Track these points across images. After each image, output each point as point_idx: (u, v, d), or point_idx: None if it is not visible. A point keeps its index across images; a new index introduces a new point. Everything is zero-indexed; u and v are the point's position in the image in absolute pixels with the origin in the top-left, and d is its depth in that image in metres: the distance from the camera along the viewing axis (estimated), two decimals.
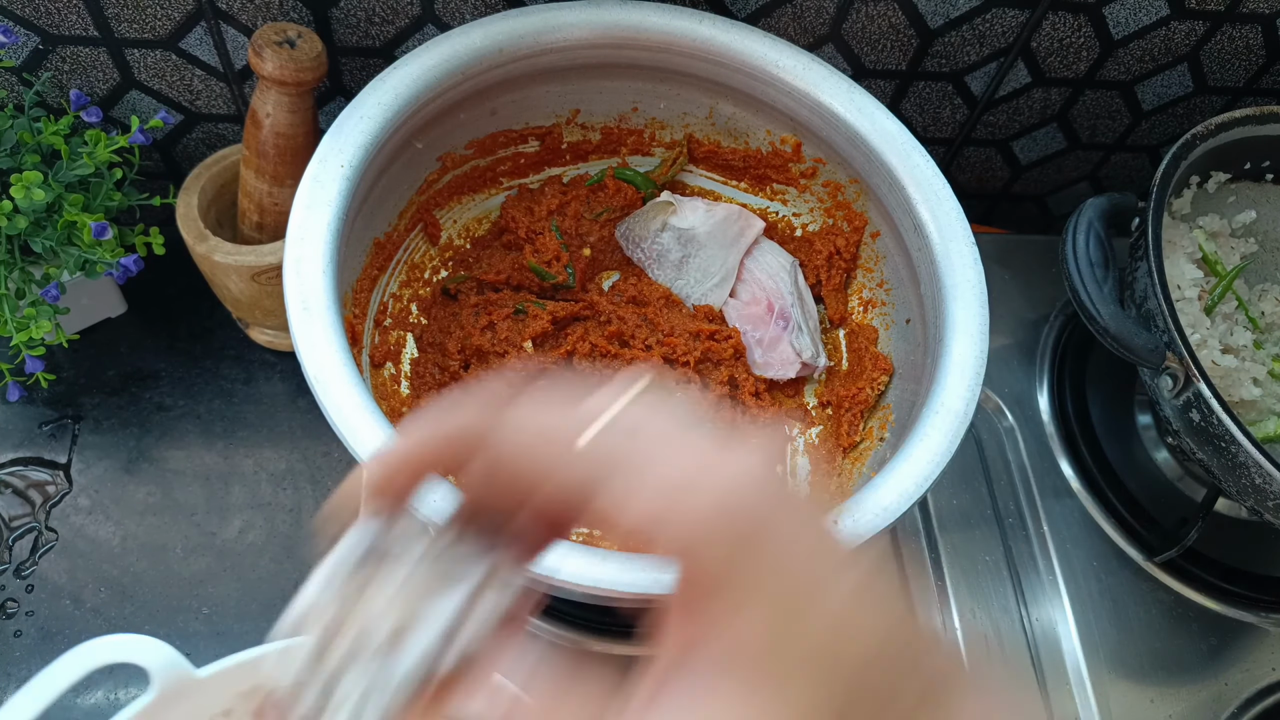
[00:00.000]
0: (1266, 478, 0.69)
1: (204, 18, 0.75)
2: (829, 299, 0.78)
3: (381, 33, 0.78)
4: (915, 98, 0.91)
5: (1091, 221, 0.74)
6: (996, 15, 0.83)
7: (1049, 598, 0.82)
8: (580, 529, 0.66)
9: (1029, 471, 0.87)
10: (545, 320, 0.72)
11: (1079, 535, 0.85)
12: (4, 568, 0.75)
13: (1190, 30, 0.86)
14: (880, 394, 0.73)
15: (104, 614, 0.74)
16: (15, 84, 0.78)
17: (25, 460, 0.80)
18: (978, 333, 0.64)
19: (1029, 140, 0.99)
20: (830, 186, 0.78)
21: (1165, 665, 0.80)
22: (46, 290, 0.72)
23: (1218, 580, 0.84)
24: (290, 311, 0.56)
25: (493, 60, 0.69)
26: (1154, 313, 0.73)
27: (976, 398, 0.62)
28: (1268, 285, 0.89)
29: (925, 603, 0.81)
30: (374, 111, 0.64)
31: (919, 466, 0.59)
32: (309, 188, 0.60)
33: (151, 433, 0.82)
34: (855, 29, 0.83)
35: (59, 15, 0.73)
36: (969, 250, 0.67)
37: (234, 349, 0.86)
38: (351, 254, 0.67)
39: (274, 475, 0.81)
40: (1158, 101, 0.95)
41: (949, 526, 0.84)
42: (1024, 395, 0.91)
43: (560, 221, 0.77)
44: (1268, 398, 0.81)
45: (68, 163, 0.72)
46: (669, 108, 0.79)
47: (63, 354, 0.84)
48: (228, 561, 0.77)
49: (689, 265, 0.77)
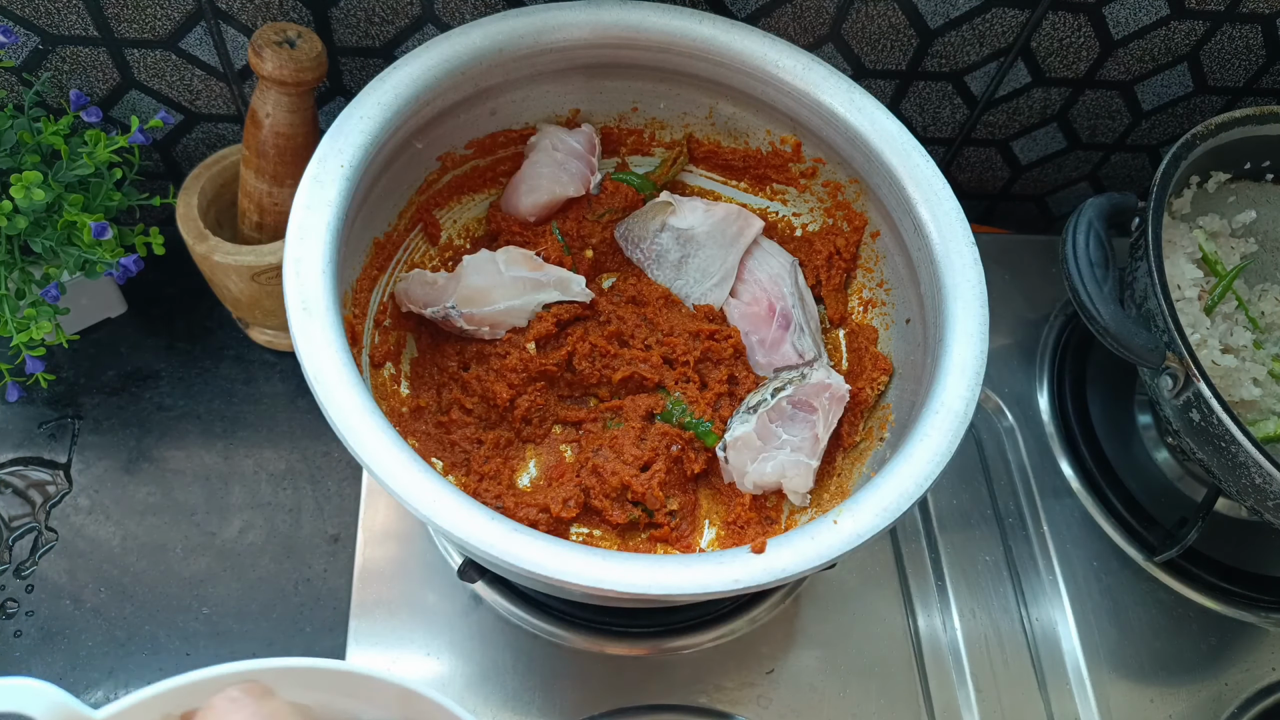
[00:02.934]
0: (1266, 478, 0.69)
1: (204, 18, 0.75)
2: (829, 299, 0.78)
3: (381, 33, 0.78)
4: (915, 98, 0.91)
5: (1091, 221, 0.74)
6: (996, 15, 0.83)
7: (1049, 598, 0.82)
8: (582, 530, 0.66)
9: (1029, 471, 0.87)
10: (549, 322, 0.72)
11: (1079, 535, 0.85)
12: (4, 568, 0.75)
13: (1190, 30, 0.86)
14: (880, 394, 0.73)
15: (104, 614, 0.74)
16: (15, 84, 0.78)
17: (25, 460, 0.80)
18: (978, 333, 0.64)
19: (1029, 140, 0.99)
20: (830, 186, 0.78)
21: (1165, 665, 0.80)
22: (46, 290, 0.72)
23: (1218, 580, 0.84)
24: (290, 311, 0.56)
25: (493, 60, 0.69)
26: (1154, 313, 0.73)
27: (976, 398, 0.62)
28: (1268, 285, 0.89)
29: (925, 603, 0.81)
30: (374, 111, 0.64)
31: (919, 466, 0.59)
32: (309, 188, 0.60)
33: (151, 433, 0.82)
34: (855, 29, 0.83)
35: (59, 15, 0.73)
36: (969, 250, 0.67)
37: (234, 349, 0.87)
38: (351, 254, 0.67)
39: (274, 475, 0.81)
40: (1158, 101, 0.95)
41: (949, 526, 0.84)
42: (1024, 395, 0.91)
43: (561, 224, 0.77)
44: (1268, 398, 0.81)
45: (68, 163, 0.72)
46: (669, 108, 0.79)
47: (63, 354, 0.84)
48: (228, 561, 0.77)
49: (688, 265, 0.77)
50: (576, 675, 0.73)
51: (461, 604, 0.75)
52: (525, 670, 0.73)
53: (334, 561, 0.78)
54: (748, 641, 0.77)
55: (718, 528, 0.71)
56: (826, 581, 0.80)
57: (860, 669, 0.77)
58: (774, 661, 0.76)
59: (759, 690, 0.75)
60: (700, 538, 0.71)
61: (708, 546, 0.70)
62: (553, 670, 0.73)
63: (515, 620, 0.75)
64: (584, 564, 0.53)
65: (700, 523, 0.71)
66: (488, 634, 0.74)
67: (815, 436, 0.69)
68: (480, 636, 0.74)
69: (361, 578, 0.75)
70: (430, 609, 0.74)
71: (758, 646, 0.77)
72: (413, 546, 0.76)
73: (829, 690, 0.76)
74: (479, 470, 0.68)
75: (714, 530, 0.71)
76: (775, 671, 0.76)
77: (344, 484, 0.81)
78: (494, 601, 0.75)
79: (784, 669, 0.76)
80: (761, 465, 0.68)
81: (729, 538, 0.70)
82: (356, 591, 0.74)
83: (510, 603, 0.75)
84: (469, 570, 0.71)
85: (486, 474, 0.68)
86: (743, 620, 0.77)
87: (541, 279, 0.73)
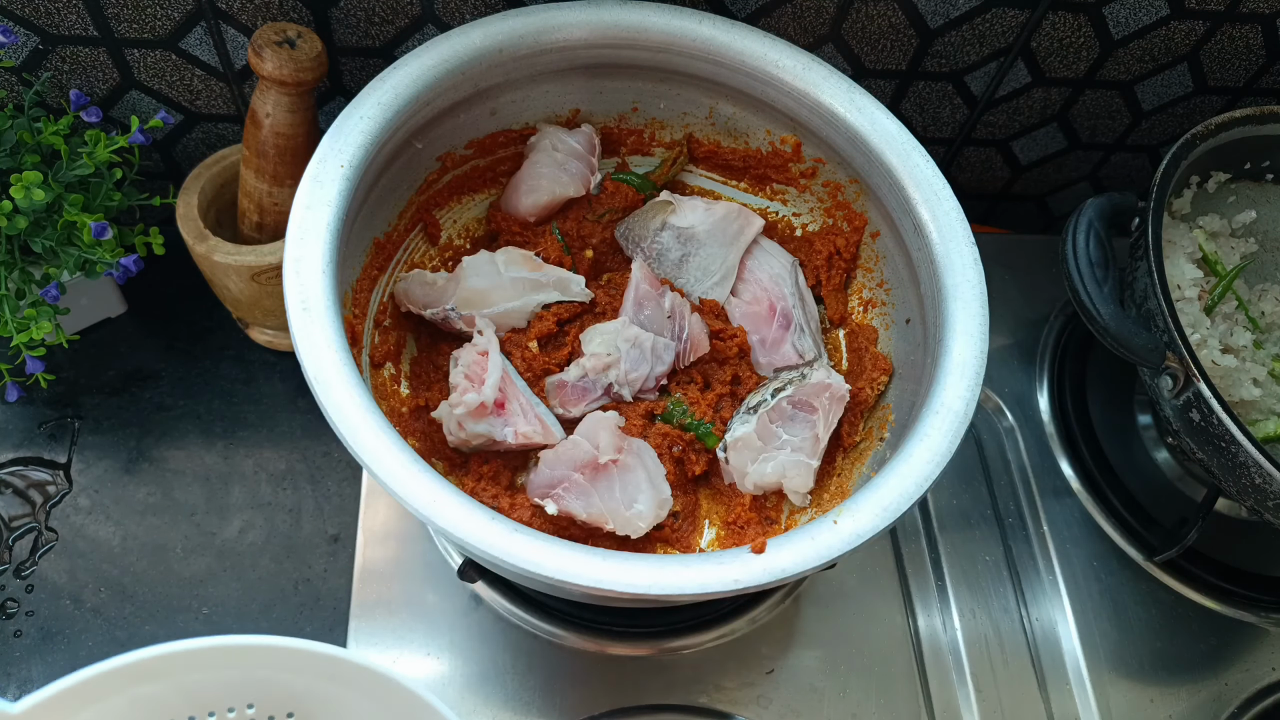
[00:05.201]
0: (1266, 478, 0.69)
1: (204, 18, 0.75)
2: (829, 299, 0.78)
3: (381, 33, 0.78)
4: (915, 98, 0.91)
5: (1091, 221, 0.74)
6: (996, 15, 0.83)
7: (1049, 598, 0.82)
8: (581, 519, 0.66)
9: (1029, 471, 0.87)
10: (550, 321, 0.72)
11: (1079, 535, 0.85)
12: (4, 568, 0.75)
13: (1190, 30, 0.86)
14: (880, 394, 0.73)
15: (104, 614, 0.74)
16: (15, 84, 0.78)
17: (25, 460, 0.80)
18: (978, 333, 0.64)
19: (1029, 140, 0.99)
20: (830, 186, 0.78)
21: (1165, 665, 0.80)
22: (46, 290, 0.72)
23: (1218, 580, 0.84)
24: (290, 311, 0.56)
25: (493, 60, 0.69)
26: (1154, 313, 0.73)
27: (976, 398, 0.62)
28: (1268, 285, 0.89)
29: (925, 603, 0.81)
30: (374, 111, 0.64)
31: (919, 466, 0.59)
32: (309, 188, 0.60)
33: (151, 433, 0.82)
34: (855, 29, 0.83)
35: (59, 15, 0.73)
36: (969, 250, 0.67)
37: (234, 349, 0.87)
38: (351, 254, 0.67)
39: (274, 475, 0.81)
40: (1158, 101, 0.95)
41: (949, 526, 0.84)
42: (1024, 395, 0.91)
43: (561, 224, 0.77)
44: (1268, 398, 0.81)
45: (68, 163, 0.72)
46: (669, 108, 0.79)
47: (63, 354, 0.84)
48: (228, 561, 0.77)
49: (689, 264, 0.77)
50: (576, 675, 0.73)
51: (461, 604, 0.75)
52: (525, 670, 0.73)
53: (334, 561, 0.78)
54: (748, 641, 0.77)
55: (718, 528, 0.71)
56: (826, 581, 0.80)
57: (860, 669, 0.77)
58: (774, 661, 0.76)
59: (759, 690, 0.75)
60: (700, 538, 0.71)
61: (708, 546, 0.70)
62: (553, 670, 0.73)
63: (515, 620, 0.75)
64: (584, 564, 0.53)
65: (700, 523, 0.71)
66: (488, 634, 0.74)
67: (816, 437, 0.69)
68: (480, 636, 0.74)
69: (361, 578, 0.75)
70: (430, 609, 0.74)
71: (758, 646, 0.77)
72: (413, 546, 0.76)
73: (829, 690, 0.76)
74: (478, 470, 0.68)
75: (714, 530, 0.71)
76: (775, 671, 0.76)
77: (344, 484, 0.81)
78: (494, 601, 0.75)
79: (784, 669, 0.76)
80: (762, 466, 0.68)
81: (729, 538, 0.70)
82: (356, 591, 0.74)
83: (510, 603, 0.75)
84: (469, 570, 0.71)
85: (486, 474, 0.68)
86: (743, 620, 0.77)
87: (541, 279, 0.73)
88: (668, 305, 0.73)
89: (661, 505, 0.66)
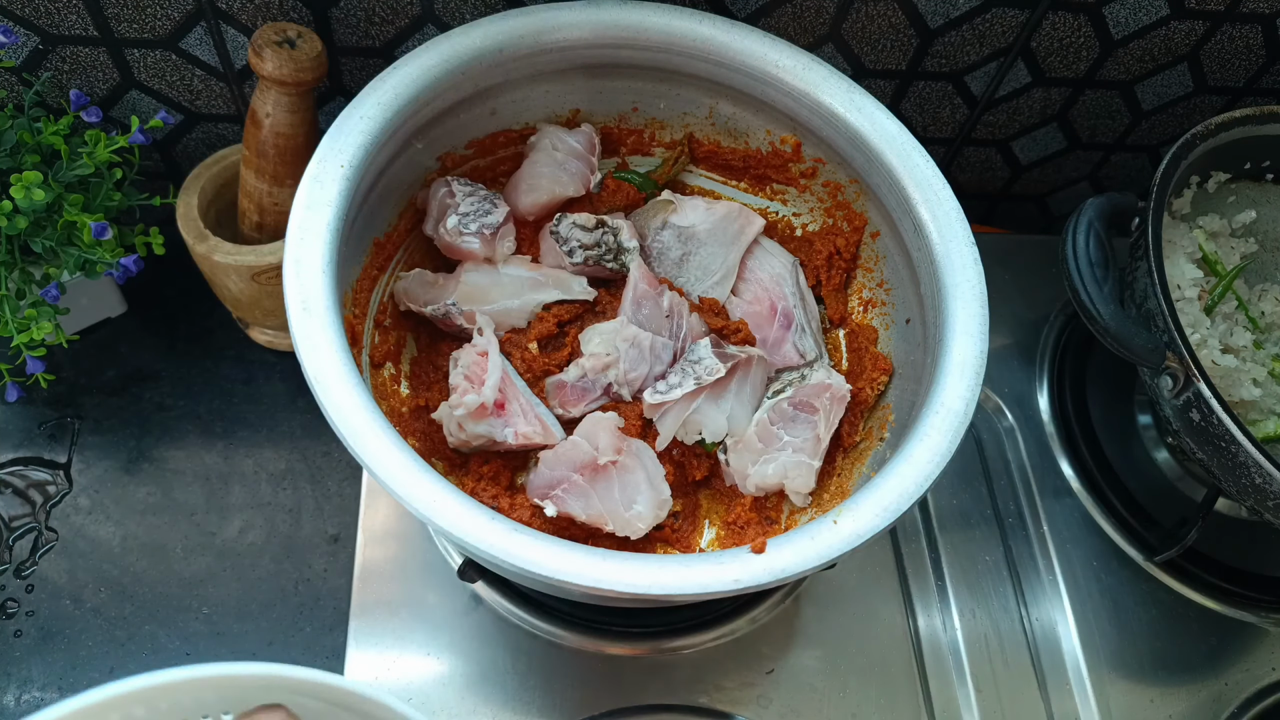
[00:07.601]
0: (1266, 478, 0.69)
1: (204, 18, 0.75)
2: (829, 299, 0.78)
3: (381, 33, 0.78)
4: (915, 98, 0.91)
5: (1091, 221, 0.74)
6: (996, 15, 0.83)
7: (1049, 598, 0.82)
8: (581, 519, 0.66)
9: (1029, 471, 0.87)
10: (550, 323, 0.72)
11: (1079, 535, 0.85)
12: (4, 568, 0.75)
13: (1190, 30, 0.86)
14: (880, 394, 0.73)
15: (104, 614, 0.74)
16: (15, 84, 0.78)
17: (25, 460, 0.80)
18: (978, 333, 0.64)
19: (1029, 140, 0.99)
20: (830, 186, 0.78)
21: (1165, 665, 0.80)
22: (46, 290, 0.72)
23: (1218, 580, 0.84)
24: (290, 311, 0.56)
25: (493, 60, 0.69)
26: (1154, 313, 0.73)
27: (976, 398, 0.62)
28: (1268, 285, 0.89)
29: (925, 603, 0.81)
30: (374, 111, 0.64)
31: (919, 466, 0.59)
32: (309, 188, 0.60)
33: (151, 433, 0.82)
34: (855, 29, 0.83)
35: (59, 15, 0.73)
36: (969, 250, 0.67)
37: (234, 349, 0.87)
38: (351, 254, 0.67)
39: (274, 475, 0.81)
40: (1158, 101, 0.95)
41: (949, 526, 0.84)
42: (1024, 395, 0.91)
43: None
44: (1268, 398, 0.81)
45: (68, 163, 0.72)
46: (669, 108, 0.79)
47: (63, 354, 0.84)
48: (228, 561, 0.77)
49: (689, 263, 0.77)
50: (576, 675, 0.73)
51: (461, 604, 0.75)
52: (525, 670, 0.73)
53: (334, 561, 0.78)
54: (748, 641, 0.77)
55: (718, 528, 0.71)
56: (826, 581, 0.80)
57: (860, 669, 0.77)
58: (774, 661, 0.76)
59: (759, 690, 0.75)
60: (700, 538, 0.71)
61: (708, 546, 0.70)
62: (553, 670, 0.73)
63: (515, 620, 0.75)
64: (584, 564, 0.53)
65: (700, 523, 0.71)
66: (488, 634, 0.74)
67: (817, 437, 0.69)
68: (480, 636, 0.74)
69: (361, 578, 0.75)
70: (430, 609, 0.74)
71: (758, 646, 0.77)
72: (413, 546, 0.76)
73: (829, 690, 0.76)
74: (478, 471, 0.68)
75: (714, 530, 0.71)
76: (775, 671, 0.76)
77: (344, 484, 0.81)
78: (494, 601, 0.75)
79: (784, 669, 0.76)
80: (763, 467, 0.68)
81: (729, 538, 0.70)
82: (356, 591, 0.74)
83: (510, 603, 0.75)
84: (469, 570, 0.71)
85: (486, 475, 0.68)
86: (743, 620, 0.77)
87: (541, 279, 0.73)
88: (666, 304, 0.73)
89: (661, 506, 0.66)
